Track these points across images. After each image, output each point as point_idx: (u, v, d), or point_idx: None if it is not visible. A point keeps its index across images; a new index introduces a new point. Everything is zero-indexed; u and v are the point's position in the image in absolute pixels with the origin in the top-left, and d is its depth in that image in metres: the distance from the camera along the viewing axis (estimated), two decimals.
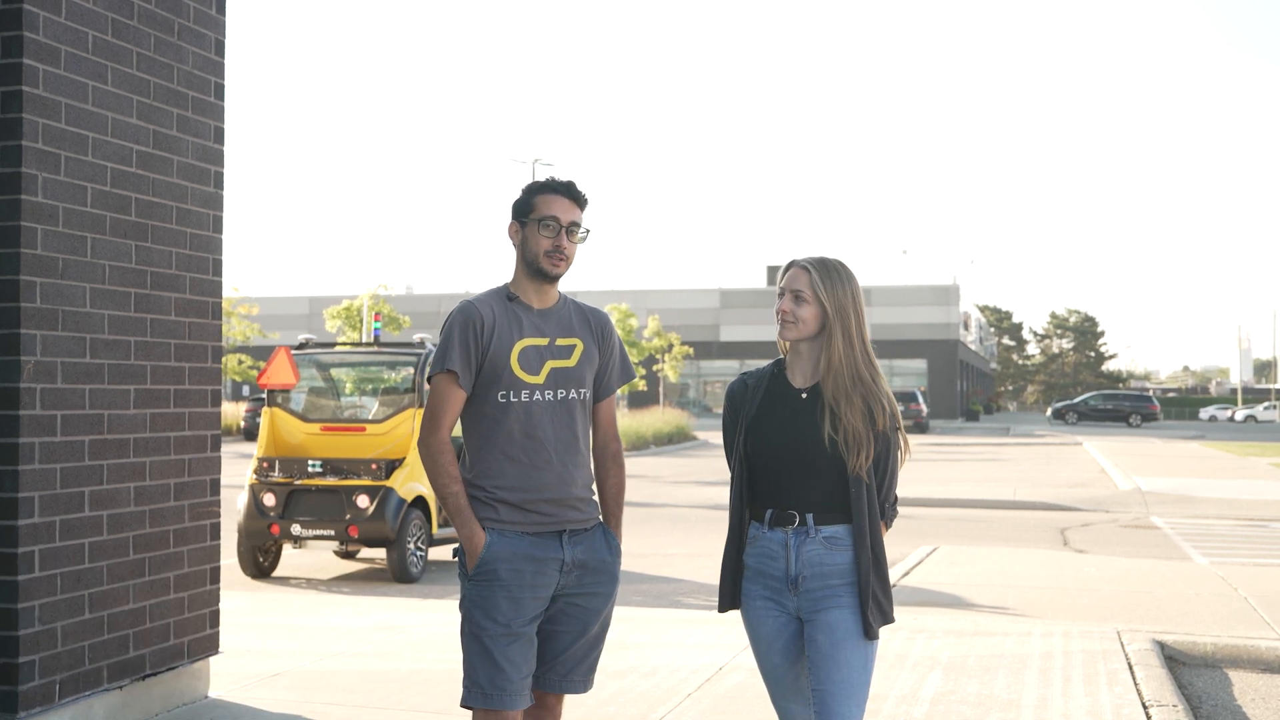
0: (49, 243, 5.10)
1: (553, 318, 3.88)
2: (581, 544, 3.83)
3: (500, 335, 3.78)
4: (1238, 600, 10.06)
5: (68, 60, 5.20)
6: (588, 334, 3.92)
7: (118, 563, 5.48)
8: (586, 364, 3.89)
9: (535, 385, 3.79)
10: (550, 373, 3.82)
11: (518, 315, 3.83)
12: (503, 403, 3.77)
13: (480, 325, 3.77)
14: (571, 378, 3.85)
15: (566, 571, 3.79)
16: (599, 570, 3.86)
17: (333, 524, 11.06)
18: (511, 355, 3.78)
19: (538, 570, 3.74)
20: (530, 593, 3.73)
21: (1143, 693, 6.55)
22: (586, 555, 3.83)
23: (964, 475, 25.58)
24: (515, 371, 3.77)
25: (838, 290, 3.79)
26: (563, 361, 3.84)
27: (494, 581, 3.72)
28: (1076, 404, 64.75)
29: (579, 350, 3.88)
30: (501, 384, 3.77)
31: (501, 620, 3.70)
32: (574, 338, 3.89)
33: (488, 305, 3.82)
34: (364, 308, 38.20)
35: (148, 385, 5.68)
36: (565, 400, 3.83)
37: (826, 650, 3.71)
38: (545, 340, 3.83)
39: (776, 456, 3.77)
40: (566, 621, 3.84)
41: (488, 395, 3.78)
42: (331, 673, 6.87)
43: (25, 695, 4.99)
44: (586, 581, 3.84)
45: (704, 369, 68.63)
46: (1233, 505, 19.31)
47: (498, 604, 3.71)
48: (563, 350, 3.85)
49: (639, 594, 10.46)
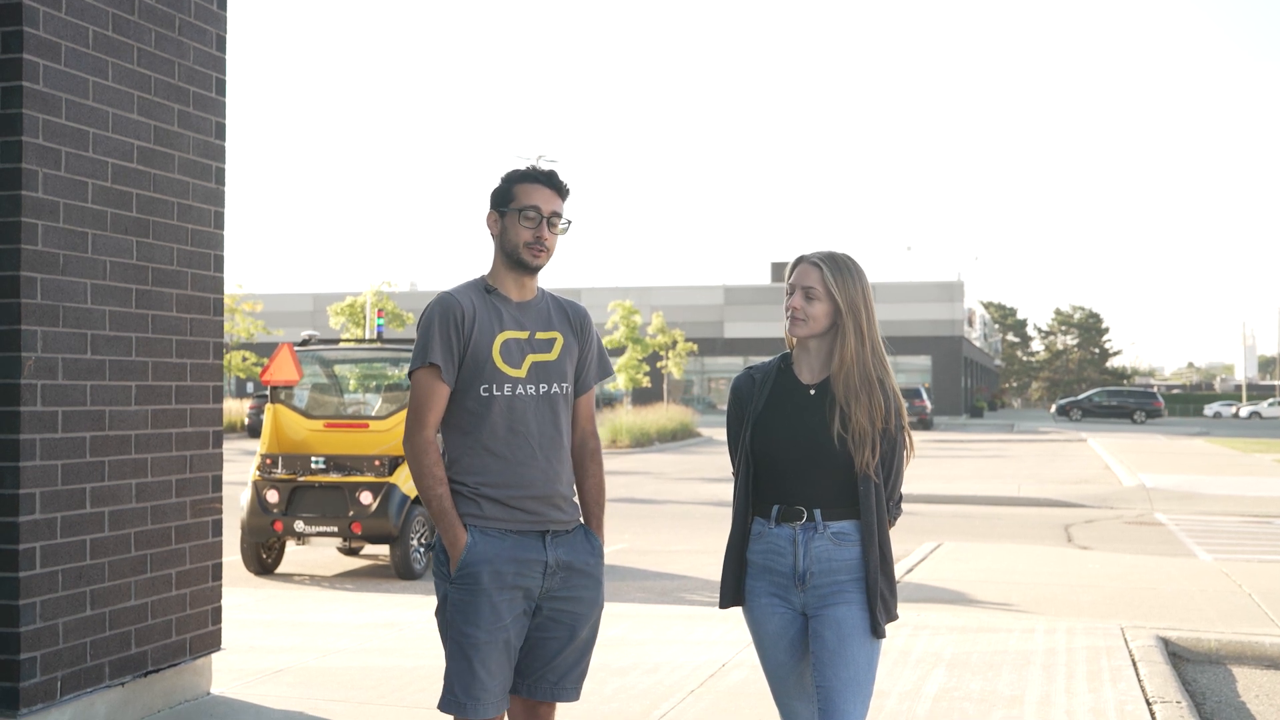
0: (50, 239, 5.09)
1: (531, 311, 3.77)
2: (564, 545, 3.73)
3: (481, 327, 3.67)
4: (1242, 597, 10.04)
5: (68, 55, 5.19)
6: (567, 328, 3.82)
7: (119, 559, 5.47)
8: (567, 358, 3.78)
9: (518, 379, 3.69)
10: (532, 366, 3.71)
11: (497, 308, 3.72)
12: (485, 397, 3.66)
13: (461, 317, 3.65)
14: (553, 372, 3.75)
15: (550, 574, 3.69)
16: (583, 573, 3.76)
17: (336, 520, 11.06)
18: (493, 348, 3.67)
19: (519, 572, 3.65)
20: (511, 595, 3.64)
21: (1146, 689, 6.53)
22: (570, 557, 3.74)
23: (968, 472, 25.55)
24: (497, 364, 3.67)
25: (849, 286, 3.75)
26: (543, 355, 3.74)
27: (475, 586, 3.62)
28: (1081, 400, 64.70)
29: (559, 344, 3.78)
30: (484, 378, 3.66)
31: (484, 627, 3.61)
32: (554, 331, 3.78)
33: (467, 297, 3.71)
34: (367, 304, 38.22)
35: (149, 381, 5.67)
36: (548, 395, 3.73)
37: (833, 646, 3.68)
38: (525, 334, 3.73)
39: (784, 453, 3.74)
40: (554, 628, 3.74)
41: (470, 389, 3.67)
42: (334, 669, 6.86)
43: (26, 692, 4.98)
44: (571, 584, 3.74)
45: (708, 366, 68.59)
46: (1237, 502, 19.27)
47: (479, 610, 3.62)
48: (543, 344, 3.75)
49: (642, 590, 10.45)
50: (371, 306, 37.80)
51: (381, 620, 8.36)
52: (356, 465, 11.18)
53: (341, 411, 12.73)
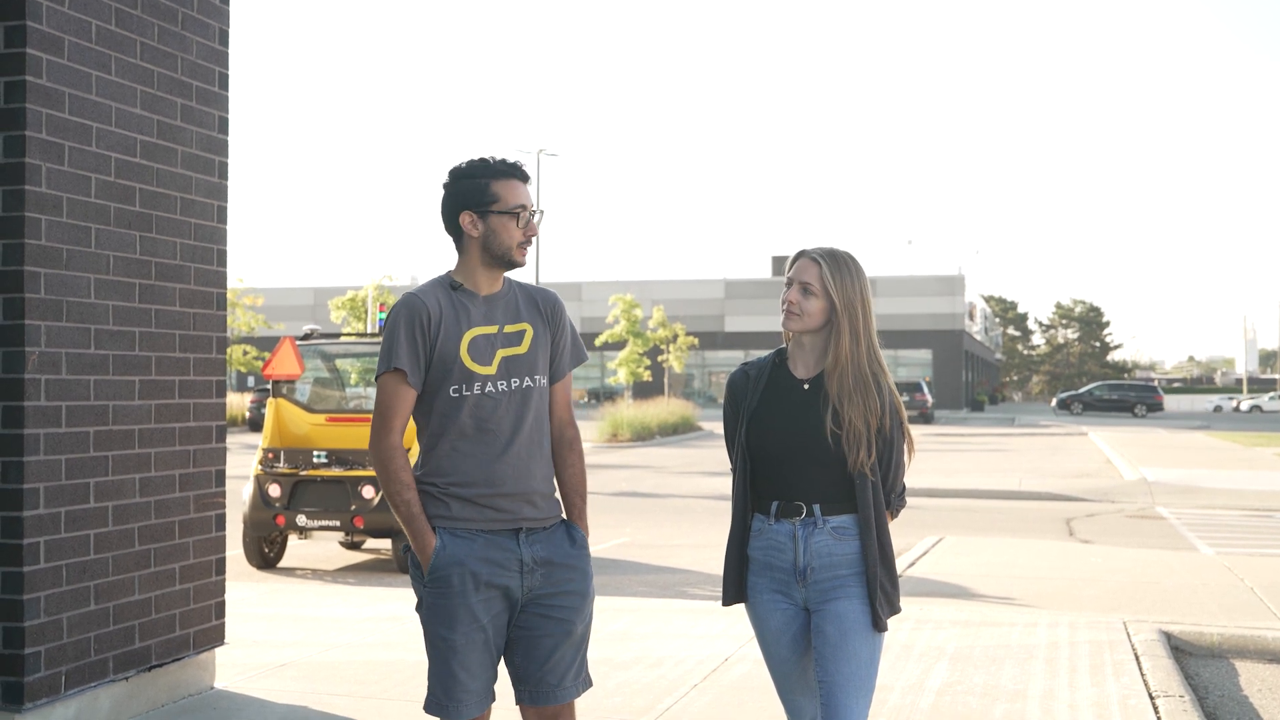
0: (53, 233, 5.09)
1: (499, 303, 3.68)
2: (540, 542, 3.65)
3: (448, 327, 3.58)
4: (1244, 590, 10.04)
5: (71, 50, 5.18)
6: (537, 317, 3.72)
7: (123, 554, 5.48)
8: (539, 349, 3.69)
9: (488, 376, 3.61)
10: (502, 362, 3.63)
11: (464, 304, 3.63)
12: (455, 397, 3.58)
13: (427, 318, 3.56)
14: (524, 365, 3.65)
15: (529, 571, 3.61)
16: (565, 566, 3.67)
17: (338, 515, 11.06)
18: (461, 347, 3.58)
19: (493, 571, 3.58)
20: (487, 594, 3.58)
21: (1149, 683, 6.54)
22: (548, 552, 3.65)
23: (969, 466, 25.55)
24: (466, 363, 3.58)
25: (847, 285, 3.74)
26: (514, 349, 3.66)
27: (447, 589, 3.56)
28: (1082, 394, 64.74)
29: (529, 335, 3.69)
30: (453, 378, 3.58)
31: (459, 630, 3.57)
32: (522, 323, 3.69)
33: (432, 296, 3.61)
34: (369, 298, 38.18)
35: (152, 376, 5.67)
36: (520, 389, 3.64)
37: (835, 641, 3.68)
38: (494, 328, 3.64)
39: (780, 449, 3.74)
40: (546, 624, 3.65)
41: (439, 390, 3.59)
42: (337, 663, 6.87)
43: (31, 686, 4.99)
44: (556, 579, 3.65)
45: (709, 359, 68.59)
46: (1238, 495, 19.28)
47: (453, 613, 3.56)
48: (512, 337, 3.66)
49: (644, 585, 10.46)
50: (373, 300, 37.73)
51: (384, 614, 8.37)
52: (359, 459, 11.18)
53: (343, 405, 12.74)
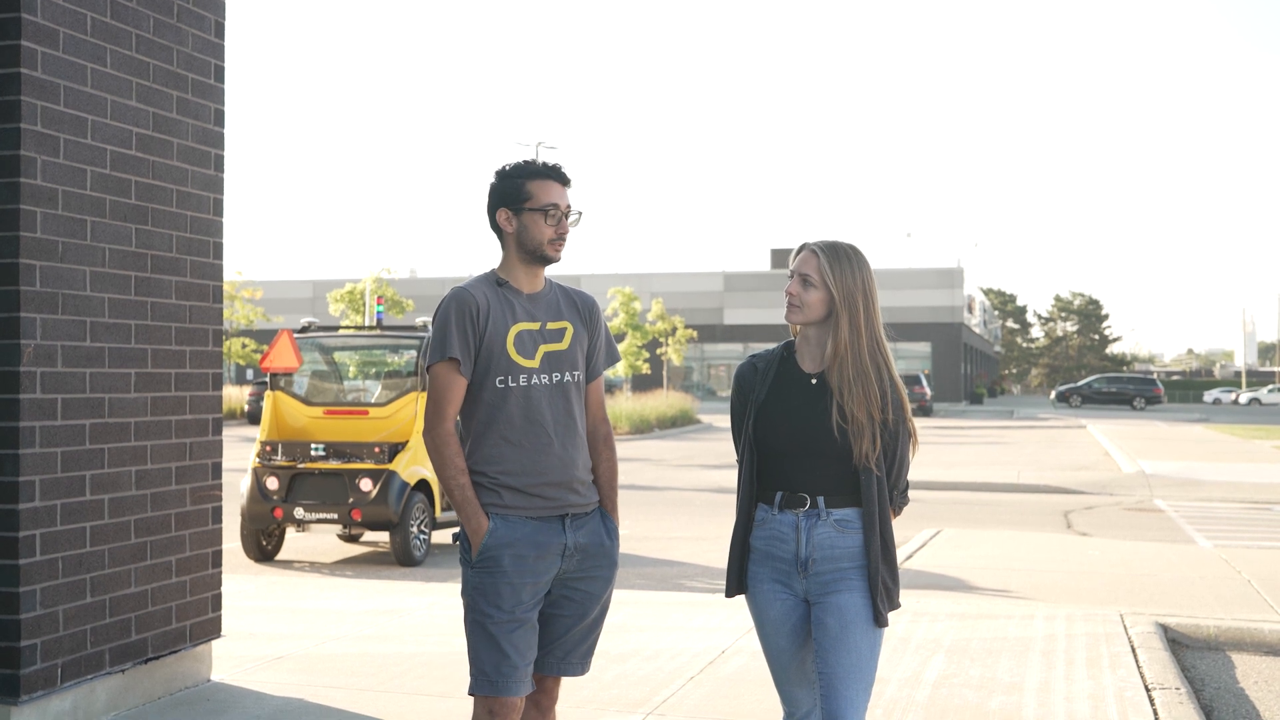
0: (48, 226, 5.08)
1: (542, 302, 3.89)
2: (583, 528, 3.86)
3: (495, 321, 3.79)
4: (1241, 583, 10.05)
5: (66, 42, 5.17)
6: (576, 317, 3.94)
7: (119, 546, 5.48)
8: (578, 346, 3.91)
9: (531, 369, 3.81)
10: (544, 356, 3.84)
11: (509, 300, 3.84)
12: (501, 388, 3.78)
13: (476, 311, 3.77)
14: (565, 360, 3.87)
15: (568, 556, 3.82)
16: (599, 555, 3.88)
17: (336, 507, 11.07)
18: (507, 340, 3.79)
19: (540, 556, 3.77)
20: (532, 579, 3.76)
21: (1145, 675, 6.54)
22: (588, 540, 3.86)
23: (968, 458, 25.57)
24: (512, 356, 3.79)
25: (847, 277, 3.74)
26: (555, 345, 3.87)
27: (496, 569, 3.74)
28: (1080, 387, 64.71)
29: (569, 333, 3.91)
30: (499, 369, 3.78)
31: (506, 608, 3.73)
32: (564, 321, 3.91)
33: (480, 291, 3.82)
34: (367, 291, 38.21)
35: (148, 369, 5.67)
36: (561, 383, 3.85)
37: (835, 633, 3.68)
38: (537, 325, 3.85)
39: (786, 441, 3.74)
40: (567, 606, 3.87)
41: (485, 381, 3.79)
42: (334, 656, 6.87)
43: (27, 679, 4.99)
44: (587, 566, 3.86)
45: (708, 352, 68.55)
46: (1236, 488, 19.30)
47: (500, 592, 3.73)
48: (554, 334, 3.88)
49: (642, 577, 10.46)
50: (371, 293, 37.80)
51: (382, 607, 8.37)
52: (356, 452, 11.19)
53: (341, 398, 12.74)
